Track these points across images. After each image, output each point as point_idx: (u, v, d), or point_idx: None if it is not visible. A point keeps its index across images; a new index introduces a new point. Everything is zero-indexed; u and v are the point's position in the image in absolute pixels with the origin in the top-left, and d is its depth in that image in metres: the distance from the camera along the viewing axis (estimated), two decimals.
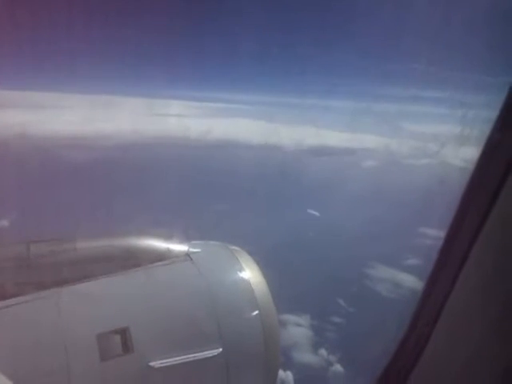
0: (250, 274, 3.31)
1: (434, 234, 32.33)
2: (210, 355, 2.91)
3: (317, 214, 38.79)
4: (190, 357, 2.87)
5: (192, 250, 3.38)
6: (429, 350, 2.08)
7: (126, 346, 2.80)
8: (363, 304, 25.92)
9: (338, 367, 21.87)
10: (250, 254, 3.58)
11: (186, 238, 3.60)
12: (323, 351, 23.01)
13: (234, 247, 3.58)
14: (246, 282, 3.25)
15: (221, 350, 2.94)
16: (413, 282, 27.13)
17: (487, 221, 1.83)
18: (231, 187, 39.97)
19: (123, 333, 2.81)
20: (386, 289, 28.51)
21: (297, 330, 23.60)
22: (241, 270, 3.31)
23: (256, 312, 3.13)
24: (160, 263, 3.20)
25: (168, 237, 3.49)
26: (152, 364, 2.80)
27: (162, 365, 2.81)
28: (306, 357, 22.09)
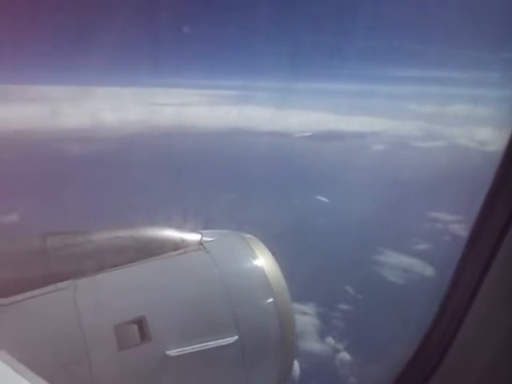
0: (263, 261, 3.31)
1: (445, 218, 32.13)
2: (226, 343, 2.93)
3: (326, 200, 38.66)
4: (207, 345, 2.89)
5: (205, 239, 3.39)
6: (455, 346, 2.05)
7: (143, 336, 2.82)
8: (372, 291, 25.76)
9: (346, 355, 21.84)
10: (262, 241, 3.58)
11: (197, 227, 3.61)
12: (330, 339, 22.93)
13: (247, 235, 3.58)
14: (260, 270, 3.26)
15: (237, 337, 2.96)
16: (422, 268, 26.98)
17: None
18: (239, 175, 39.89)
19: (140, 322, 2.83)
20: (395, 275, 28.33)
21: (303, 318, 23.52)
22: (254, 257, 3.32)
23: (271, 299, 3.14)
24: (174, 253, 3.22)
25: (181, 227, 3.50)
26: (169, 352, 2.82)
27: (178, 353, 2.83)
28: (312, 345, 22.00)
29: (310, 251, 26.67)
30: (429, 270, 25.77)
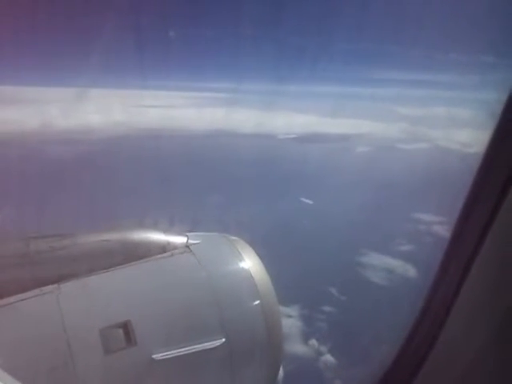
0: (250, 263, 3.31)
1: (428, 219, 32.45)
2: (213, 346, 2.92)
3: (310, 202, 38.77)
4: (193, 348, 2.88)
5: (191, 241, 3.38)
6: (438, 346, 2.07)
7: (129, 339, 2.80)
8: (355, 292, 25.85)
9: (330, 357, 21.86)
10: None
11: (182, 229, 3.60)
12: (314, 341, 22.92)
13: (233, 237, 3.58)
14: (247, 272, 3.26)
15: (224, 340, 2.95)
16: (406, 269, 27.23)
17: (498, 214, 1.80)
18: (225, 177, 39.84)
19: (125, 326, 2.81)
20: (378, 276, 28.50)
21: (287, 321, 23.47)
22: (241, 260, 3.32)
23: (257, 301, 3.14)
24: (160, 256, 3.21)
25: (166, 229, 3.49)
26: (155, 356, 2.80)
27: (165, 357, 2.82)
28: (296, 348, 21.94)
29: (294, 253, 26.70)
30: (412, 271, 26.04)
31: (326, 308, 25.33)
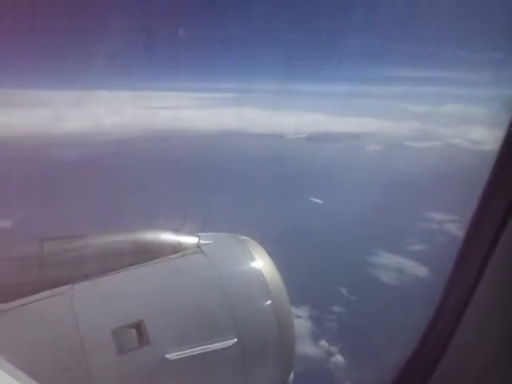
0: (261, 263, 3.31)
1: (440, 218, 32.19)
2: (226, 345, 2.92)
3: (319, 201, 38.62)
4: (206, 348, 2.88)
5: (203, 241, 3.38)
6: (452, 348, 2.04)
7: (142, 339, 2.82)
8: (365, 292, 25.67)
9: (340, 358, 21.69)
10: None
11: (193, 230, 3.60)
12: (324, 342, 22.75)
13: (244, 237, 3.59)
14: (258, 272, 3.26)
15: (236, 340, 2.95)
16: (417, 269, 26.98)
17: None
18: (235, 177, 39.89)
19: (138, 326, 2.83)
20: (389, 276, 28.28)
21: (296, 321, 23.30)
22: (252, 259, 3.32)
23: (269, 301, 3.14)
24: (171, 256, 3.22)
25: (178, 230, 3.50)
26: (168, 356, 2.81)
27: (178, 356, 2.82)
28: (305, 348, 21.85)
29: (303, 253, 26.60)
30: (424, 271, 25.79)
31: (336, 308, 25.18)
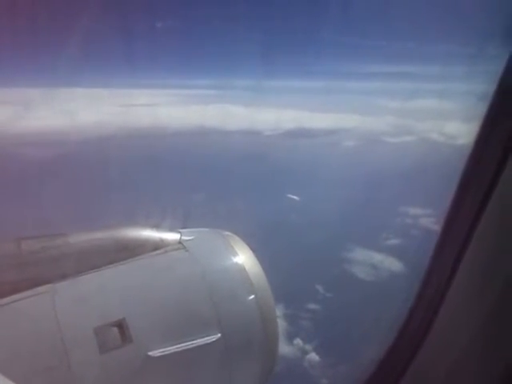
0: (244, 258, 3.32)
1: (415, 213, 32.70)
2: (209, 341, 2.93)
3: (296, 198, 38.75)
4: (189, 344, 2.88)
5: (185, 237, 3.37)
6: (428, 343, 2.08)
7: (124, 338, 2.79)
8: (341, 288, 25.89)
9: (315, 356, 21.75)
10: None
11: (175, 226, 3.59)
12: (299, 341, 22.75)
13: (226, 232, 3.59)
14: (241, 267, 3.26)
15: (219, 335, 2.96)
16: (393, 264, 27.37)
17: (488, 204, 1.81)
18: (211, 174, 39.84)
19: (120, 324, 2.80)
20: (364, 272, 28.55)
21: None
22: (235, 255, 3.32)
23: (252, 296, 3.15)
24: (153, 253, 3.19)
25: (159, 227, 3.48)
26: (151, 353, 2.80)
27: (161, 354, 2.81)
28: (282, 348, 21.84)
29: (278, 250, 26.67)
30: (400, 266, 26.15)
31: (312, 305, 25.28)
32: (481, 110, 1.91)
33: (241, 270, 3.25)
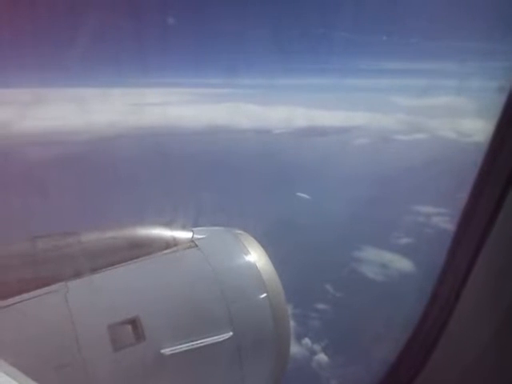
0: (256, 257, 3.33)
1: (427, 211, 32.31)
2: (221, 339, 2.94)
3: (306, 196, 38.57)
4: (201, 342, 2.89)
5: (197, 236, 3.38)
6: (442, 343, 2.05)
7: (138, 335, 2.82)
8: (351, 288, 25.63)
9: (323, 356, 21.57)
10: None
11: (188, 225, 3.60)
12: (307, 340, 22.54)
13: (238, 231, 3.59)
14: (253, 265, 3.27)
15: (231, 333, 2.97)
16: (404, 264, 27.03)
17: (504, 204, 1.77)
18: (221, 172, 39.84)
19: (134, 322, 2.83)
20: (375, 271, 28.23)
21: None
22: (247, 253, 3.33)
23: (264, 294, 3.15)
24: (166, 251, 3.21)
25: (171, 225, 3.49)
26: (164, 351, 2.82)
27: (173, 351, 2.83)
28: (292, 348, 21.64)
29: (288, 249, 26.55)
30: (411, 266, 25.83)
31: (321, 305, 25.09)
32: (495, 107, 1.88)
33: (253, 268, 3.25)
